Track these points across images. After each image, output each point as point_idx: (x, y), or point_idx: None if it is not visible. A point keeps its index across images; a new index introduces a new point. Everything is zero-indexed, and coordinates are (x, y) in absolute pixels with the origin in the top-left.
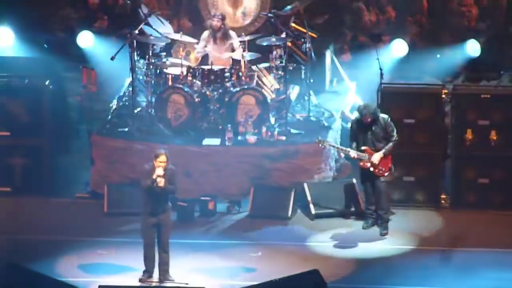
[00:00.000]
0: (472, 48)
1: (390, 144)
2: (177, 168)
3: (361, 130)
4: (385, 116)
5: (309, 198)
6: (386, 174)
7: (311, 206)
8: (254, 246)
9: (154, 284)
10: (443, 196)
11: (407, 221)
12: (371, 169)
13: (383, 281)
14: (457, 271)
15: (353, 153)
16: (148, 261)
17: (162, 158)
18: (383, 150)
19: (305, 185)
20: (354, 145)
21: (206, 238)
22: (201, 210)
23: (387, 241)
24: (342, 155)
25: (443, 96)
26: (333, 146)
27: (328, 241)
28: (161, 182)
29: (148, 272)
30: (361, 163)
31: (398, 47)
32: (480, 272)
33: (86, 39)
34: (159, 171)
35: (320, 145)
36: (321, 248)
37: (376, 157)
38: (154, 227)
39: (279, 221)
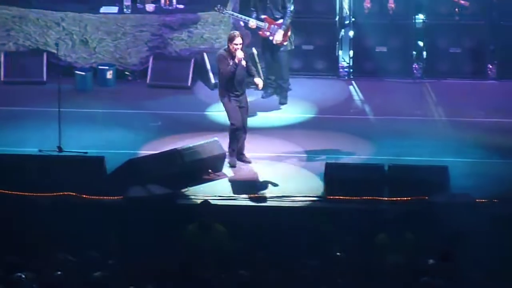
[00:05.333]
0: None
1: (287, 18)
2: (74, 36)
3: None
4: None
5: (208, 67)
6: (285, 43)
7: (211, 75)
8: (154, 116)
9: None
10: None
11: (306, 90)
12: (270, 38)
13: (281, 150)
14: (359, 138)
15: (252, 22)
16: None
17: (238, 40)
18: (282, 27)
19: (205, 54)
20: (254, 15)
21: (104, 108)
22: (99, 79)
23: (287, 110)
24: (242, 24)
25: None
26: (232, 15)
27: None
28: (244, 63)
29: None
30: (260, 32)
31: None
32: (381, 139)
33: None
34: (240, 53)
35: (219, 12)
36: (221, 118)
37: (278, 36)
38: (239, 109)
39: (178, 90)
